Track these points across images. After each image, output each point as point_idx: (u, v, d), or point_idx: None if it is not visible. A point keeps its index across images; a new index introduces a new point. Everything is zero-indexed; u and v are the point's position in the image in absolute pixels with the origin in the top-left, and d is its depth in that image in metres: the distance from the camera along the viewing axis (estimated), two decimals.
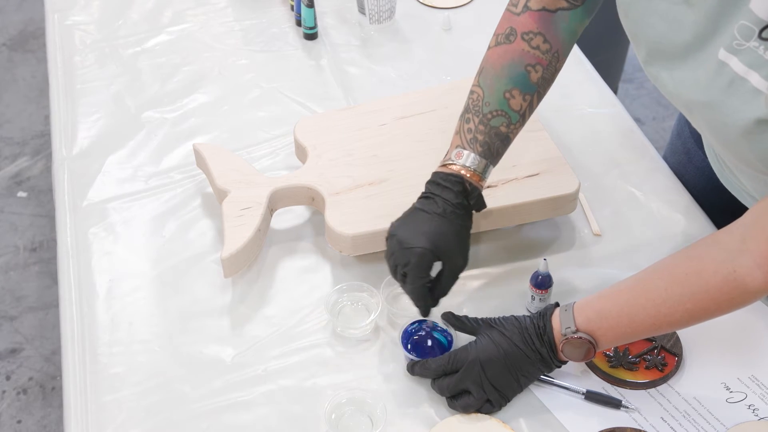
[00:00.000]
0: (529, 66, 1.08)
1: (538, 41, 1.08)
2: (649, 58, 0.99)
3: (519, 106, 1.09)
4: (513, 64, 1.08)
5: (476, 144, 1.08)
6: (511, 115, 1.08)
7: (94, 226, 1.29)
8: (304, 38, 1.61)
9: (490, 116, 1.08)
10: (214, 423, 1.06)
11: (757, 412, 1.06)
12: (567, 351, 1.01)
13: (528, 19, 1.08)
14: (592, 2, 1.08)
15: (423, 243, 1.04)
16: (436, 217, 1.05)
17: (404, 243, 1.05)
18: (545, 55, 1.08)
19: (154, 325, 1.17)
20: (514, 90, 1.08)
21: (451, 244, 1.06)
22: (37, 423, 2.05)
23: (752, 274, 0.90)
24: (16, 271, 2.35)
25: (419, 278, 1.05)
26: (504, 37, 1.09)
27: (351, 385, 1.09)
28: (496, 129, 1.08)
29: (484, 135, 1.08)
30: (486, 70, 1.10)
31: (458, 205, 1.06)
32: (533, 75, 1.08)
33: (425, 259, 1.04)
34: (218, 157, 1.29)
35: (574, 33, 1.10)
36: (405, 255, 1.05)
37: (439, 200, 1.06)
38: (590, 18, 1.10)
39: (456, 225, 1.06)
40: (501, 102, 1.08)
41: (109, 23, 1.66)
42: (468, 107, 1.10)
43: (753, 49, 0.85)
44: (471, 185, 1.07)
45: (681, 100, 0.96)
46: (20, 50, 3.02)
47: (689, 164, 1.35)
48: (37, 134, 2.72)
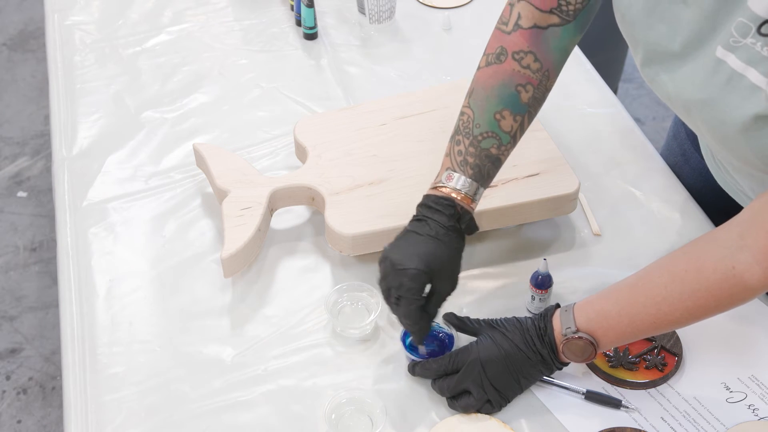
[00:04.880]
0: (520, 86, 1.07)
1: (528, 60, 1.07)
2: (646, 60, 0.99)
3: (510, 127, 1.08)
4: (503, 84, 1.07)
5: (467, 166, 1.07)
6: (502, 137, 1.07)
7: (94, 226, 1.29)
8: (304, 38, 1.61)
9: (481, 138, 1.07)
10: (214, 423, 1.06)
11: (757, 412, 1.06)
12: (568, 351, 1.01)
13: (519, 38, 1.07)
14: (583, 18, 1.08)
15: (416, 264, 1.02)
16: (430, 239, 1.04)
17: (397, 264, 1.03)
18: (536, 75, 1.07)
19: (154, 325, 1.17)
20: (504, 111, 1.07)
21: (443, 266, 1.04)
22: (37, 423, 2.05)
23: (751, 270, 0.90)
24: (16, 271, 2.35)
25: (413, 300, 1.03)
26: (494, 57, 1.08)
27: (351, 385, 1.09)
28: (487, 151, 1.07)
29: (475, 157, 1.07)
30: (476, 92, 1.09)
31: (451, 228, 1.05)
32: (524, 95, 1.07)
33: (419, 280, 1.02)
34: (218, 157, 1.29)
35: (565, 50, 1.09)
36: (398, 277, 1.02)
37: (431, 223, 1.05)
38: (582, 33, 1.10)
39: (449, 248, 1.05)
40: (491, 123, 1.07)
41: (109, 23, 1.66)
42: (458, 129, 1.09)
43: (750, 45, 0.85)
44: (462, 208, 1.06)
45: (679, 101, 0.96)
46: (20, 50, 3.02)
47: (685, 165, 1.35)
48: (37, 134, 2.72)
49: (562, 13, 1.06)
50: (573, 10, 1.06)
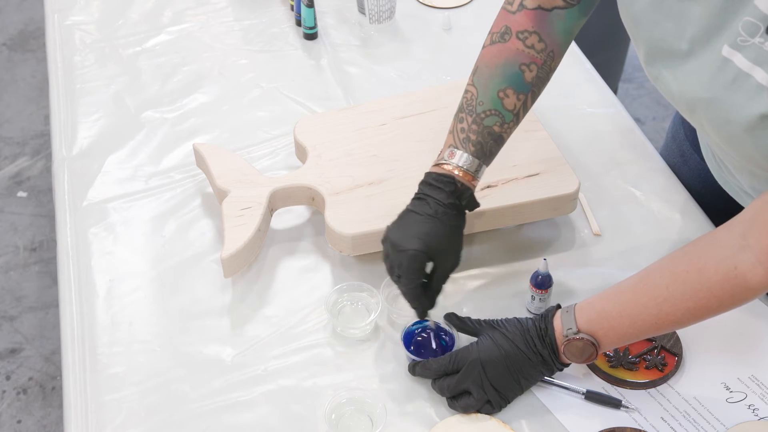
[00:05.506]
0: (524, 65, 1.08)
1: (533, 40, 1.08)
2: (650, 58, 0.99)
3: (513, 106, 1.08)
4: (507, 63, 1.08)
5: (469, 143, 1.08)
6: (505, 115, 1.08)
7: (94, 226, 1.29)
8: (304, 38, 1.61)
9: (484, 116, 1.08)
10: (214, 423, 1.06)
11: (757, 412, 1.06)
12: (569, 352, 1.01)
13: (523, 17, 1.08)
14: (587, 2, 1.08)
15: (415, 245, 1.04)
16: (428, 219, 1.06)
17: (397, 245, 1.06)
18: (540, 54, 1.08)
19: (154, 325, 1.17)
20: (508, 89, 1.08)
21: (443, 245, 1.06)
22: (37, 423, 2.05)
23: (753, 270, 0.90)
24: (16, 271, 2.35)
25: (412, 279, 1.06)
26: (499, 36, 1.09)
27: (351, 385, 1.09)
28: (489, 128, 1.08)
29: (477, 134, 1.08)
30: (480, 69, 1.10)
31: (450, 205, 1.06)
32: (528, 74, 1.08)
33: (417, 260, 1.05)
34: (218, 157, 1.29)
35: (570, 32, 1.10)
36: (398, 257, 1.05)
37: (431, 201, 1.06)
38: (586, 17, 1.10)
39: (448, 226, 1.06)
40: (494, 101, 1.08)
41: (109, 23, 1.66)
42: (462, 106, 1.10)
43: (758, 45, 0.85)
44: (462, 185, 1.07)
45: (683, 99, 0.96)
46: (20, 50, 3.02)
47: (684, 166, 1.35)
48: (37, 134, 2.72)
49: None
50: None
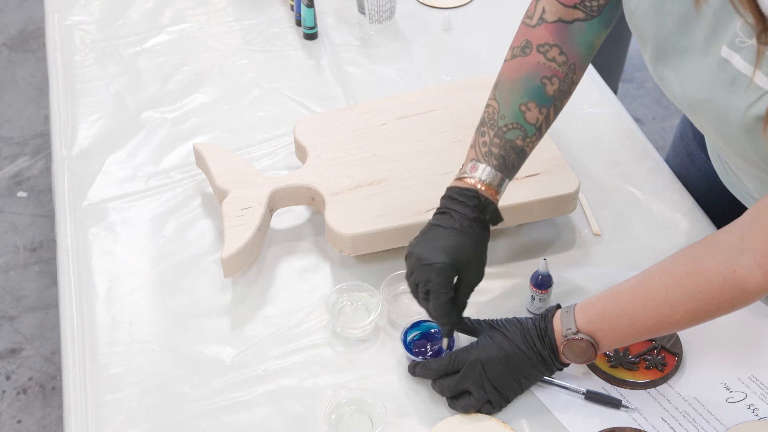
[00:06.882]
0: (545, 78, 1.07)
1: (554, 53, 1.07)
2: (654, 57, 0.99)
3: (535, 119, 1.07)
4: (529, 76, 1.07)
5: (491, 157, 1.06)
6: (527, 128, 1.07)
7: (94, 226, 1.29)
8: (304, 38, 1.61)
9: (506, 129, 1.07)
10: (214, 423, 1.06)
11: (757, 412, 1.06)
12: (568, 352, 1.01)
13: (543, 31, 1.07)
14: (609, 13, 1.07)
15: (443, 258, 1.02)
16: (454, 232, 1.03)
17: (424, 260, 1.02)
18: (561, 67, 1.07)
19: (154, 325, 1.17)
20: (530, 103, 1.07)
21: (470, 258, 1.04)
22: (37, 423, 2.05)
23: (752, 273, 0.90)
24: (16, 271, 2.35)
25: (442, 294, 1.03)
26: (520, 50, 1.08)
27: (351, 385, 1.09)
28: (512, 142, 1.07)
29: (500, 148, 1.06)
30: (501, 84, 1.09)
31: (475, 219, 1.04)
32: (549, 87, 1.07)
33: (445, 273, 1.02)
34: (218, 157, 1.29)
35: (592, 45, 1.09)
36: (425, 272, 1.02)
37: (455, 215, 1.04)
38: (608, 29, 1.09)
39: (474, 239, 1.04)
40: (516, 115, 1.07)
41: (109, 23, 1.66)
42: (483, 120, 1.09)
43: (755, 46, 0.85)
44: (486, 199, 1.05)
45: (685, 99, 0.96)
46: (20, 50, 3.02)
47: (692, 167, 1.35)
48: (37, 134, 2.72)
49: (587, 9, 1.06)
50: (597, 6, 1.06)
